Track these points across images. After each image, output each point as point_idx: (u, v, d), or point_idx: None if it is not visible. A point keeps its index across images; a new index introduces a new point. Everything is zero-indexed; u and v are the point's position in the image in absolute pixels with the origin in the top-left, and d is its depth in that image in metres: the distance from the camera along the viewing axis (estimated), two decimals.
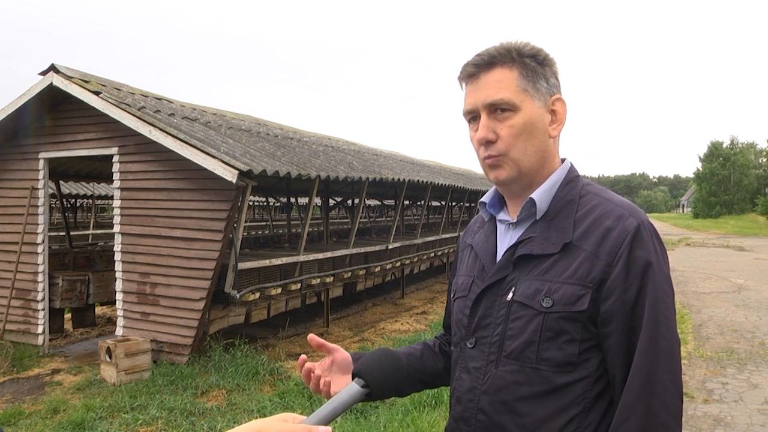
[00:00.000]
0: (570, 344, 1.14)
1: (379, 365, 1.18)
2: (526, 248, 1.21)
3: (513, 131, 1.20)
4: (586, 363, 1.14)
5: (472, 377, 1.24)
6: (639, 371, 1.09)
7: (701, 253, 21.29)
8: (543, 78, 1.24)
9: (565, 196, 1.24)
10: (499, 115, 1.21)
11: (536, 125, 1.22)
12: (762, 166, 56.18)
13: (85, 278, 8.48)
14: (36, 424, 5.09)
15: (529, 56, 1.23)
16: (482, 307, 1.25)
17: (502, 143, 1.21)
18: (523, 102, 1.21)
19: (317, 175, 7.50)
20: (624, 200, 1.23)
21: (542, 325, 1.15)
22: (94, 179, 11.56)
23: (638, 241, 1.13)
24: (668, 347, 1.10)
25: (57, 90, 7.11)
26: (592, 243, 1.15)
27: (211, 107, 10.01)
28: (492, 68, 1.22)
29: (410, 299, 11.91)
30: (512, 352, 1.18)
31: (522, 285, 1.19)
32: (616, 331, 1.12)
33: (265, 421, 0.85)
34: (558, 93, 1.27)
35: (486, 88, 1.22)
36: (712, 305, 10.41)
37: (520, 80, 1.21)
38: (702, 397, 5.50)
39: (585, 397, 1.14)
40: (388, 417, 4.82)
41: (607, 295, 1.12)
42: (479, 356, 1.23)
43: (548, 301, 1.15)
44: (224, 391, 5.82)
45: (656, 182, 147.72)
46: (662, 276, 1.14)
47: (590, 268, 1.14)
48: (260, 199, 20.87)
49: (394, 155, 17.18)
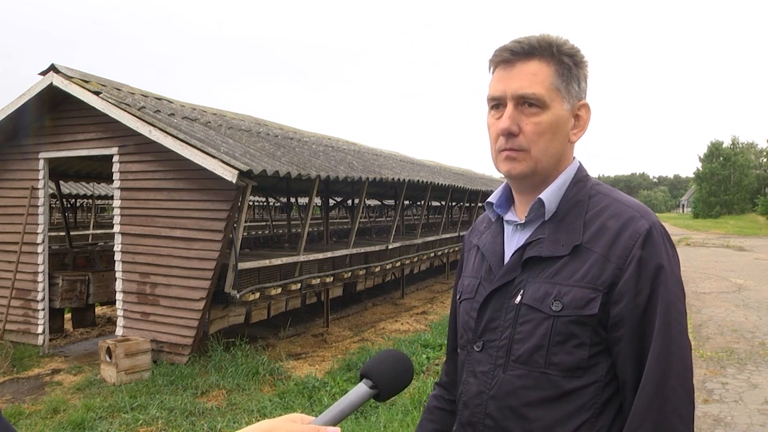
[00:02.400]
0: (579, 348, 1.11)
1: (386, 366, 1.18)
2: (535, 250, 1.18)
3: (538, 128, 1.17)
4: (595, 367, 1.12)
5: (480, 381, 1.22)
6: (651, 376, 1.07)
7: (701, 253, 21.29)
8: (576, 80, 1.21)
9: (574, 197, 1.21)
10: (526, 109, 1.17)
11: (560, 127, 1.19)
12: (762, 166, 56.19)
13: (85, 278, 8.48)
14: (36, 424, 5.09)
15: (567, 55, 1.20)
16: (490, 309, 1.22)
17: (524, 138, 1.18)
18: (554, 101, 1.17)
19: (317, 175, 7.50)
20: (635, 201, 1.21)
21: (551, 329, 1.12)
22: (94, 179, 11.55)
23: (650, 244, 1.11)
24: (680, 352, 1.08)
25: (57, 90, 7.11)
26: (602, 245, 1.13)
27: (211, 107, 10.01)
28: (530, 59, 1.18)
29: (410, 299, 11.91)
30: (521, 357, 1.15)
31: (531, 288, 1.17)
32: (626, 336, 1.10)
33: (274, 422, 0.85)
34: (585, 99, 1.24)
35: (519, 79, 1.17)
36: (712, 305, 10.41)
37: (554, 78, 1.18)
38: (702, 397, 5.49)
39: (594, 402, 1.12)
40: (388, 417, 4.82)
41: (617, 299, 1.10)
42: (487, 360, 1.21)
43: (558, 305, 1.12)
44: (224, 391, 5.82)
45: (656, 182, 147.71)
46: (674, 279, 1.12)
47: (601, 271, 1.11)
48: (260, 199, 20.87)
49: (394, 155, 17.17)
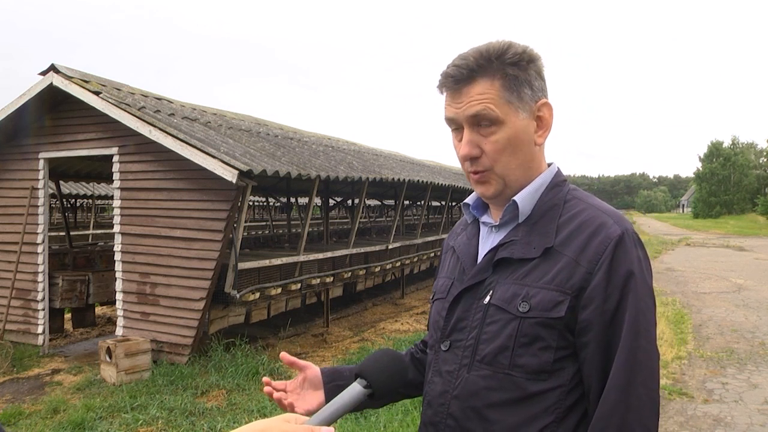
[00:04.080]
0: (545, 351, 1.10)
1: (381, 365, 1.15)
2: (507, 251, 1.18)
3: (497, 146, 1.16)
4: (560, 372, 1.11)
5: (444, 381, 1.21)
6: (616, 383, 1.05)
7: (701, 253, 21.28)
8: (527, 85, 1.17)
9: (549, 200, 1.20)
10: (482, 129, 1.16)
11: (521, 138, 1.17)
12: (762, 166, 56.14)
13: (85, 278, 8.48)
14: (36, 424, 5.09)
15: (510, 64, 1.16)
16: (459, 309, 1.22)
17: (487, 159, 1.17)
18: (507, 115, 1.15)
19: (317, 175, 7.50)
20: (609, 207, 1.19)
21: (517, 330, 1.11)
22: (94, 179, 11.56)
23: (621, 250, 1.09)
24: (647, 361, 1.07)
25: (57, 90, 7.11)
26: (573, 249, 1.12)
27: (211, 107, 10.01)
28: (473, 81, 1.15)
29: (410, 299, 11.92)
30: (485, 357, 1.14)
31: (500, 288, 1.16)
32: (593, 341, 1.08)
33: (267, 422, 0.85)
34: (544, 96, 1.20)
35: (468, 102, 1.16)
36: (712, 305, 10.41)
37: (502, 91, 1.15)
38: (702, 397, 5.49)
39: (558, 406, 1.10)
40: (388, 417, 4.82)
41: (586, 304, 1.09)
42: (453, 360, 1.20)
43: (525, 306, 1.11)
44: (224, 391, 5.82)
45: (656, 182, 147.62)
46: (644, 287, 1.10)
47: (570, 275, 1.10)
48: (260, 199, 20.87)
49: (394, 155, 17.18)
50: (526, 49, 1.18)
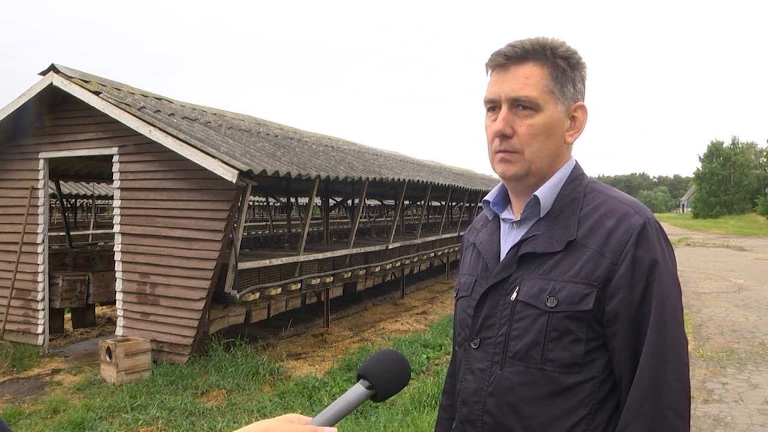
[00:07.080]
0: (575, 344, 1.12)
1: (384, 366, 1.17)
2: (530, 246, 1.19)
3: (531, 130, 1.18)
4: (592, 364, 1.12)
5: (477, 379, 1.22)
6: (645, 371, 1.07)
7: (701, 253, 21.29)
8: (571, 82, 1.22)
9: (569, 194, 1.22)
10: (520, 112, 1.19)
11: (554, 129, 1.20)
12: (762, 166, 56.16)
13: (85, 278, 8.48)
14: (36, 424, 5.09)
15: (562, 57, 1.21)
16: (486, 307, 1.23)
17: (518, 140, 1.19)
18: (547, 103, 1.19)
19: (317, 175, 7.50)
20: (629, 197, 1.22)
21: (547, 324, 1.13)
22: (94, 179, 11.55)
23: (644, 239, 1.12)
24: (675, 347, 1.08)
25: (57, 90, 7.11)
26: (596, 241, 1.14)
27: (211, 107, 10.01)
28: (523, 62, 1.20)
29: (410, 299, 11.91)
30: (517, 353, 1.16)
31: (526, 284, 1.17)
32: (621, 331, 1.10)
33: (270, 422, 0.85)
34: (581, 100, 1.25)
35: (513, 82, 1.19)
36: (712, 305, 10.41)
37: (548, 80, 1.19)
38: (702, 397, 5.49)
39: (592, 398, 1.12)
40: (388, 417, 4.82)
41: (612, 294, 1.11)
42: (484, 357, 1.22)
43: (553, 301, 1.13)
44: (224, 391, 5.82)
45: (656, 182, 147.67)
46: (669, 274, 1.12)
47: (595, 267, 1.12)
48: (260, 199, 20.87)
49: (394, 155, 17.18)
50: (578, 52, 1.24)
